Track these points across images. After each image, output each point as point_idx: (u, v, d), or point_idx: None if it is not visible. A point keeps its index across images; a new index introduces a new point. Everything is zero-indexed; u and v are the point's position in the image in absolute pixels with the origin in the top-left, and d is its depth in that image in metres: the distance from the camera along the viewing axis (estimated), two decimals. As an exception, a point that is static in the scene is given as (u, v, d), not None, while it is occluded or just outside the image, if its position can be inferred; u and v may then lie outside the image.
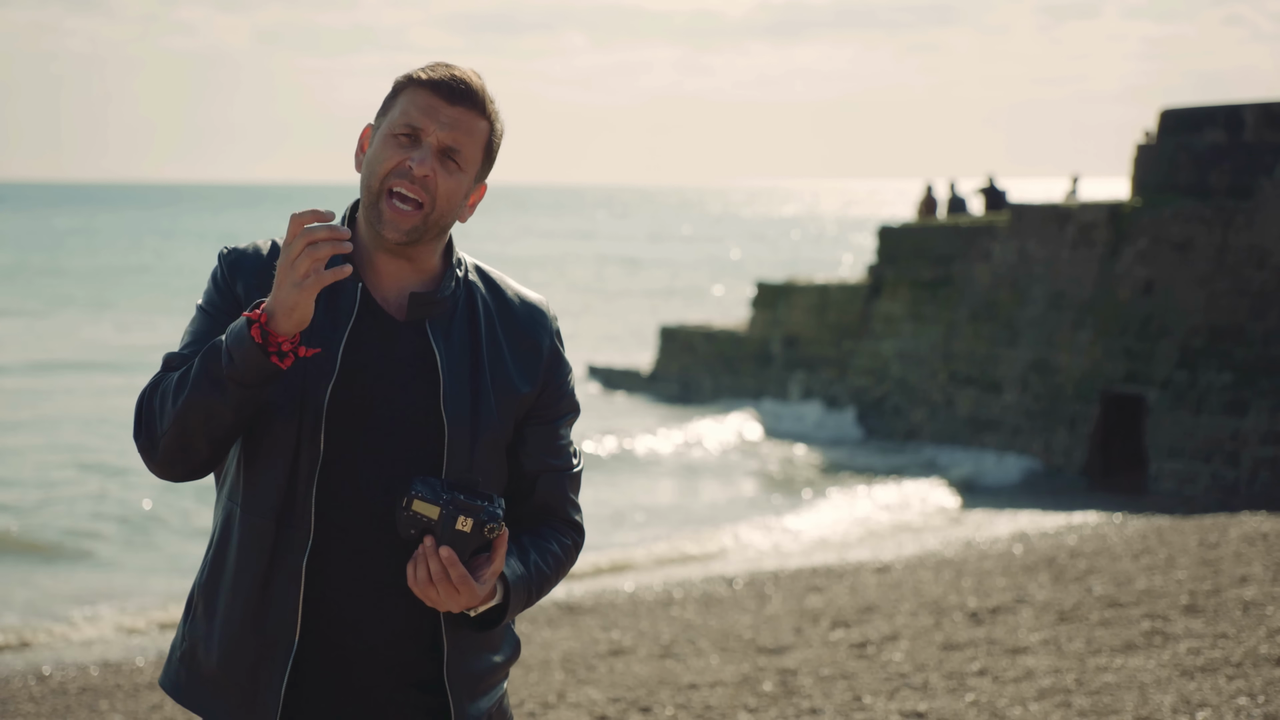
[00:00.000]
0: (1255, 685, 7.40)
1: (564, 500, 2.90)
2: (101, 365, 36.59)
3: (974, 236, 26.66)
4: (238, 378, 2.61)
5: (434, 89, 2.76)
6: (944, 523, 19.93)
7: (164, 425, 2.67)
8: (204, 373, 2.63)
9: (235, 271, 2.81)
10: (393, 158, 2.75)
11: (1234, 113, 24.15)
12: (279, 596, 2.73)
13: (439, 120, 2.75)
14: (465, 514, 2.62)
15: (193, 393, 2.63)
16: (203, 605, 2.81)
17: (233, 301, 2.79)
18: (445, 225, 2.80)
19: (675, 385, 32.55)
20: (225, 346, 2.61)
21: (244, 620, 2.75)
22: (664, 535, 18.58)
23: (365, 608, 2.75)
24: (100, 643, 13.31)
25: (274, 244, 2.85)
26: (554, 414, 2.89)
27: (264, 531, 2.73)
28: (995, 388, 25.34)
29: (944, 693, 7.97)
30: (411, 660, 2.78)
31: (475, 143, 2.78)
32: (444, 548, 2.61)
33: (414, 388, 2.76)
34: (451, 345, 2.79)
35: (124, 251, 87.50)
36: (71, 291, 59.51)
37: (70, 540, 17.58)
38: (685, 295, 62.15)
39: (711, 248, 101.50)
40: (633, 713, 8.14)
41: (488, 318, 2.85)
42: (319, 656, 2.75)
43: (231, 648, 2.76)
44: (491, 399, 2.80)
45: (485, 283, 2.90)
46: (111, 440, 24.55)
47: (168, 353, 2.78)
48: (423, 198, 2.74)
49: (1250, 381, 21.36)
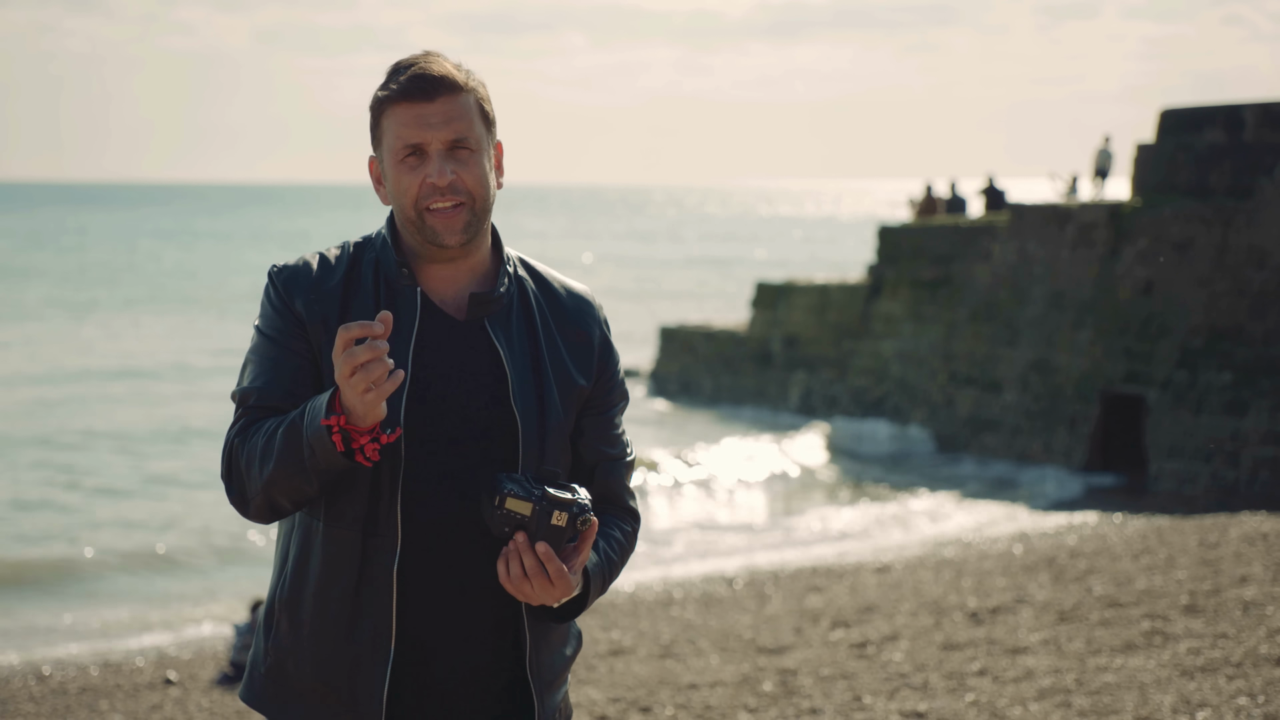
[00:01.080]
0: (1255, 685, 7.40)
1: (621, 488, 2.93)
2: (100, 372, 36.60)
3: (974, 236, 26.65)
4: (320, 469, 2.63)
5: (409, 97, 2.75)
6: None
7: (252, 489, 2.70)
8: (286, 456, 2.64)
9: (291, 289, 2.79)
10: (413, 183, 2.75)
11: (1234, 113, 24.15)
12: (371, 605, 2.75)
13: (430, 124, 2.74)
14: (559, 508, 2.64)
15: (276, 470, 2.65)
16: (287, 620, 2.82)
17: (294, 321, 2.78)
18: (491, 204, 2.82)
19: (675, 385, 32.55)
20: (306, 439, 2.61)
21: (336, 631, 2.77)
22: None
23: (452, 608, 2.78)
24: (100, 642, 13.32)
25: (321, 257, 2.85)
26: (608, 404, 2.92)
27: (350, 542, 2.75)
28: (995, 388, 25.34)
29: (944, 693, 7.98)
30: (500, 659, 2.82)
31: (471, 120, 2.78)
32: (541, 543, 2.64)
33: (483, 386, 2.78)
34: (513, 342, 2.82)
35: (110, 251, 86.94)
36: (51, 293, 59.15)
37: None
38: (685, 295, 62.15)
39: (720, 247, 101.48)
40: (633, 713, 8.15)
41: (540, 312, 2.87)
42: (412, 661, 2.78)
43: (326, 658, 2.78)
44: (554, 392, 2.82)
45: (533, 276, 2.92)
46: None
47: (240, 388, 2.78)
48: (459, 198, 2.76)
49: (1250, 381, 21.35)
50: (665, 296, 61.31)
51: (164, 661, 11.95)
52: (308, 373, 2.76)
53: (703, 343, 32.37)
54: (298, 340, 2.77)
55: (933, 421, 26.42)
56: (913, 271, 27.58)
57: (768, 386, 30.23)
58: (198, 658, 12.06)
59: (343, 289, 2.79)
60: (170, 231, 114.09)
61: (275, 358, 2.77)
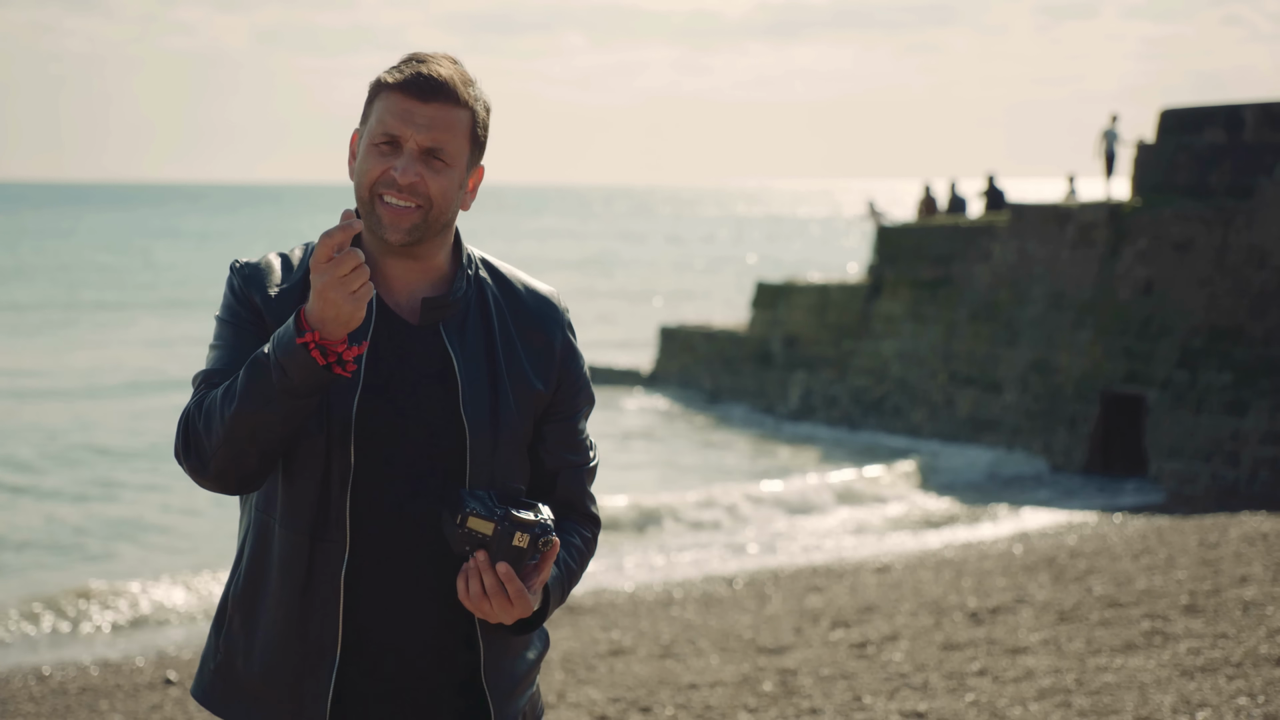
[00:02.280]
0: (1255, 685, 7.40)
1: (583, 494, 2.91)
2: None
3: (974, 236, 26.65)
4: (291, 390, 2.60)
5: (405, 90, 2.72)
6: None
7: (213, 443, 2.66)
8: (251, 387, 2.61)
9: (249, 285, 2.79)
10: (376, 167, 2.73)
11: (1234, 113, 24.15)
12: (320, 608, 2.75)
13: (415, 123, 2.72)
14: (521, 529, 2.63)
15: (240, 406, 2.62)
16: (239, 617, 2.82)
17: (251, 310, 2.78)
18: (447, 221, 2.79)
19: (675, 385, 32.56)
20: (275, 360, 2.59)
21: (285, 632, 2.76)
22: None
23: (403, 615, 2.77)
24: (101, 642, 13.32)
25: (283, 258, 2.84)
26: (570, 409, 2.89)
27: (301, 545, 2.75)
28: (995, 388, 25.34)
29: (944, 693, 7.97)
30: (449, 664, 2.80)
31: (457, 136, 2.75)
32: (502, 564, 2.63)
33: (434, 393, 2.76)
34: (467, 347, 2.79)
35: (93, 252, 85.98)
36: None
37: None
38: (684, 296, 62.15)
39: (720, 248, 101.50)
40: (633, 713, 8.14)
41: (500, 315, 2.84)
42: (359, 665, 2.77)
43: (274, 659, 2.77)
44: (510, 399, 2.79)
45: (495, 278, 2.88)
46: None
47: (201, 370, 2.78)
48: (417, 200, 2.73)
49: (1250, 381, 21.35)
50: (665, 296, 61.31)
51: (164, 661, 11.95)
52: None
53: (703, 343, 32.37)
54: (256, 327, 2.77)
55: (932, 422, 26.41)
56: (913, 271, 27.58)
57: (768, 386, 30.23)
58: (198, 658, 12.07)
59: (300, 292, 2.78)
60: (159, 231, 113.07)
61: (235, 343, 2.76)
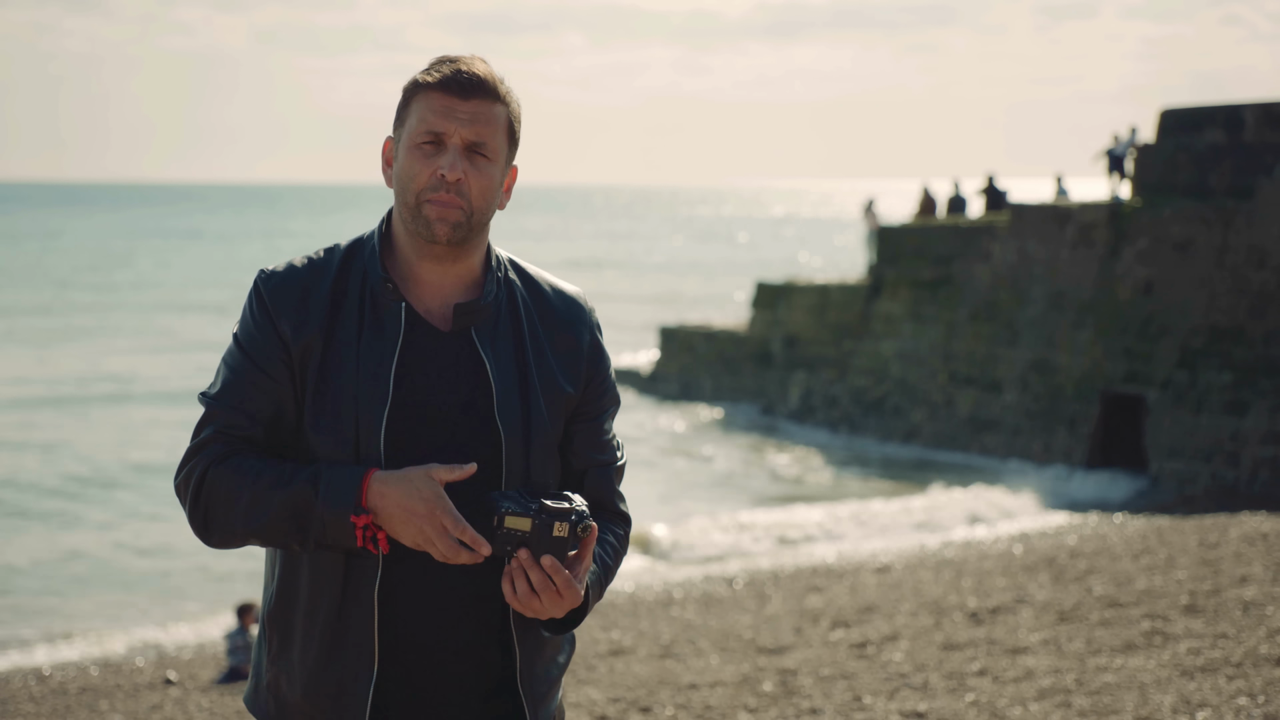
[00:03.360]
0: (1255, 685, 7.40)
1: (611, 493, 2.89)
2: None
3: (974, 236, 26.65)
4: (322, 544, 2.67)
5: (445, 88, 2.74)
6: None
7: (224, 530, 2.71)
8: (284, 523, 2.66)
9: (279, 305, 2.76)
10: (423, 170, 2.73)
11: (1234, 113, 24.15)
12: (354, 626, 2.74)
13: (457, 119, 2.73)
14: (559, 519, 2.62)
15: (268, 530, 2.68)
16: (277, 638, 2.83)
17: (276, 343, 2.74)
18: (488, 219, 2.80)
19: (675, 385, 32.56)
20: (319, 516, 2.63)
21: (321, 652, 2.77)
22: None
23: (438, 626, 2.76)
24: (100, 643, 13.32)
25: (309, 264, 2.81)
26: (597, 410, 2.88)
27: (334, 562, 2.74)
28: (995, 388, 25.33)
29: (944, 693, 7.97)
30: (485, 669, 2.80)
31: (498, 131, 2.77)
32: (547, 556, 2.62)
33: (467, 398, 2.76)
34: (499, 351, 2.79)
35: (72, 254, 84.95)
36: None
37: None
38: (683, 296, 62.15)
39: (719, 248, 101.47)
40: (633, 713, 8.14)
41: (529, 318, 2.83)
42: (398, 679, 2.78)
43: (312, 679, 2.78)
44: (541, 402, 2.79)
45: (523, 279, 2.88)
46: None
47: (210, 394, 2.76)
48: (461, 203, 2.73)
49: (1250, 381, 21.35)
50: (662, 296, 61.30)
51: (164, 661, 11.95)
52: (283, 397, 2.74)
53: (703, 343, 32.37)
54: (276, 364, 2.74)
55: (932, 421, 26.41)
56: (913, 271, 27.58)
57: (768, 386, 30.23)
58: (198, 658, 12.07)
59: (328, 305, 2.76)
60: (150, 233, 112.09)
61: (250, 379, 2.74)
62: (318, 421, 2.72)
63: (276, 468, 2.69)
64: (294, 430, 2.75)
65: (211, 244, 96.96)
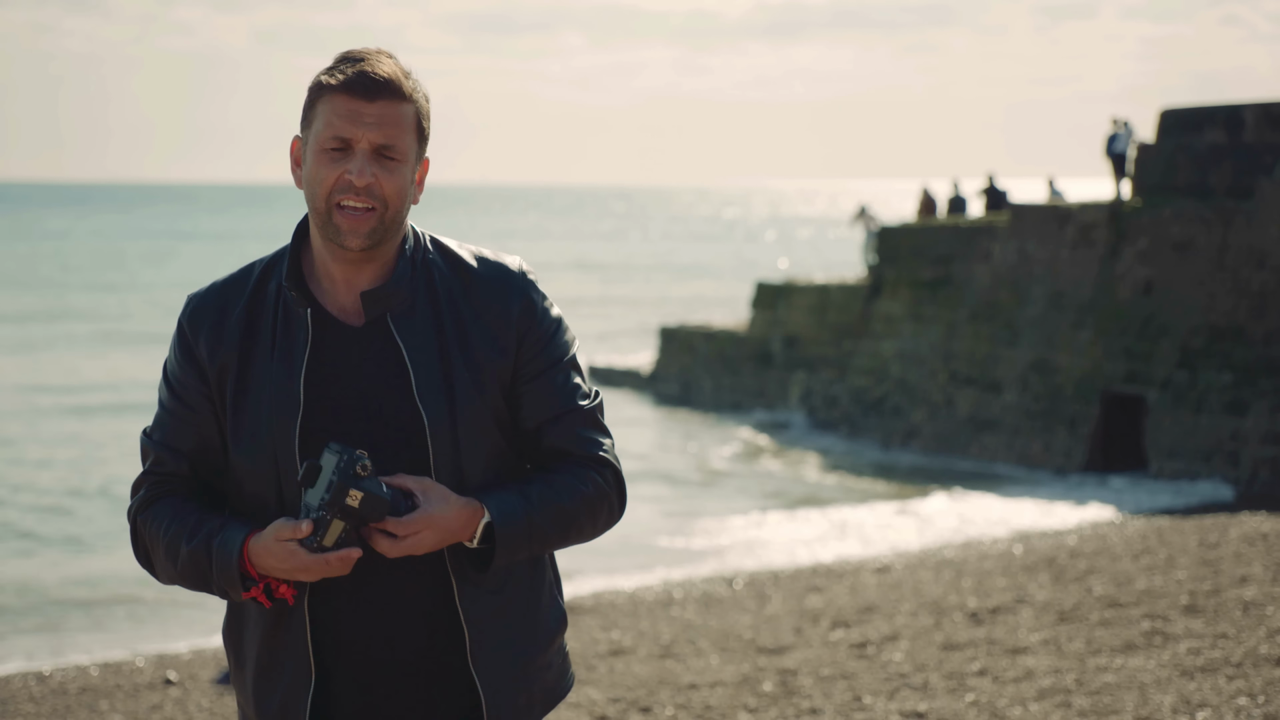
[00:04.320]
0: (1255, 685, 7.40)
1: (574, 439, 2.79)
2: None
3: (974, 236, 26.65)
4: (229, 598, 2.76)
5: (350, 90, 2.69)
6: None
7: (160, 574, 2.81)
8: (195, 581, 2.74)
9: (197, 329, 2.79)
10: (330, 174, 2.70)
11: (1234, 113, 24.15)
12: (289, 640, 2.75)
13: (363, 123, 2.68)
14: (341, 489, 2.58)
15: (184, 582, 2.75)
16: (232, 653, 2.86)
17: (195, 372, 2.77)
18: (403, 218, 2.76)
19: (675, 385, 32.56)
20: (214, 576, 2.69)
21: (263, 664, 2.78)
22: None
23: (379, 626, 2.75)
24: (101, 643, 13.32)
25: (228, 282, 2.82)
26: (538, 368, 2.79)
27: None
28: (995, 388, 25.34)
29: (944, 693, 7.97)
30: (437, 661, 2.77)
31: (405, 130, 2.72)
32: (366, 528, 2.63)
33: (386, 388, 2.73)
34: (416, 334, 2.75)
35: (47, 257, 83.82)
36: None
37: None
38: (681, 296, 62.17)
39: (720, 248, 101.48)
40: (633, 713, 8.14)
41: (449, 294, 2.78)
42: (344, 684, 2.77)
43: (260, 694, 2.80)
44: (466, 376, 2.74)
45: (445, 256, 2.82)
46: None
47: (145, 436, 2.81)
48: (372, 203, 2.70)
49: (1250, 381, 21.35)
50: (661, 297, 61.31)
51: (164, 661, 11.95)
52: (205, 428, 2.77)
53: (703, 343, 32.37)
54: (197, 395, 2.77)
55: (932, 422, 26.41)
56: (913, 271, 27.58)
57: (768, 386, 30.23)
58: (198, 658, 12.06)
59: (244, 324, 2.76)
60: (138, 234, 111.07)
61: (175, 412, 2.78)
62: (238, 442, 2.74)
63: (181, 521, 2.74)
64: (220, 457, 2.78)
65: (214, 244, 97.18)
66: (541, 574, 2.87)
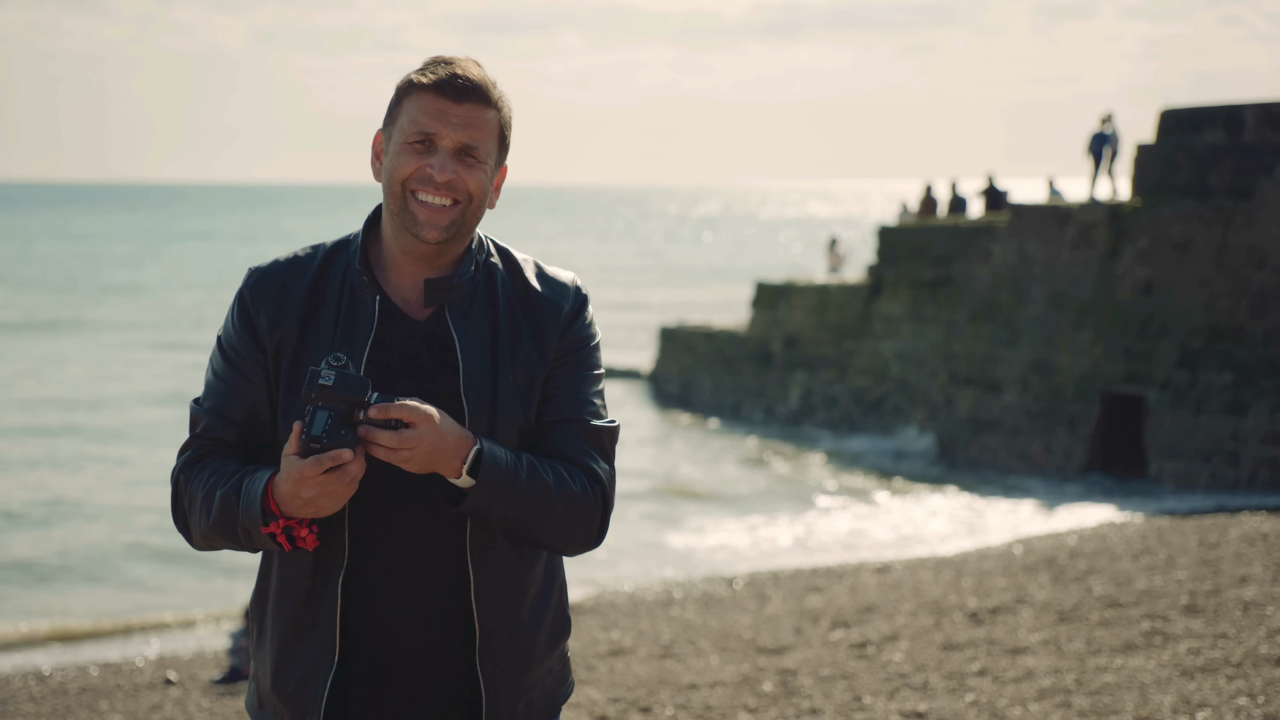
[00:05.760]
0: (1255, 685, 7.40)
1: (577, 448, 2.82)
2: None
3: (974, 236, 26.65)
4: (255, 549, 2.77)
5: (439, 91, 2.77)
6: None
7: (195, 532, 2.81)
8: (224, 528, 2.74)
9: (258, 300, 2.82)
10: (410, 164, 2.76)
11: (1234, 113, 24.14)
12: (318, 617, 2.78)
13: (449, 122, 2.76)
14: (313, 377, 2.59)
15: (214, 533, 2.76)
16: (255, 628, 2.90)
17: (253, 341, 2.81)
18: (479, 218, 2.83)
19: (675, 385, 32.56)
20: (242, 526, 2.69)
21: (288, 641, 2.81)
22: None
23: (404, 616, 2.78)
24: (100, 643, 13.33)
25: (293, 260, 2.87)
26: (564, 370, 2.85)
27: (303, 555, 2.78)
28: (995, 388, 25.33)
29: (944, 693, 7.97)
30: (452, 660, 2.80)
31: (488, 134, 2.80)
32: (361, 428, 2.61)
33: (436, 380, 2.78)
34: (470, 329, 2.80)
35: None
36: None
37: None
38: (679, 298, 62.15)
39: (720, 248, 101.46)
40: (633, 713, 8.14)
41: (508, 299, 2.85)
42: (363, 669, 2.79)
43: (279, 668, 2.82)
44: (510, 379, 2.80)
45: (508, 264, 2.90)
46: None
47: (195, 405, 2.84)
48: (455, 196, 2.77)
49: (1250, 381, 21.35)
50: (661, 297, 61.31)
51: (164, 661, 11.96)
52: (257, 397, 2.80)
53: (703, 343, 32.37)
54: (253, 364, 2.80)
55: (932, 422, 26.41)
56: (913, 271, 27.58)
57: (768, 387, 30.23)
58: (198, 658, 12.07)
59: (307, 299, 2.81)
60: (130, 234, 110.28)
61: (229, 380, 2.82)
62: (287, 415, 2.77)
63: (220, 472, 2.76)
64: (269, 428, 2.81)
65: (218, 244, 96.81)
66: (553, 579, 2.91)
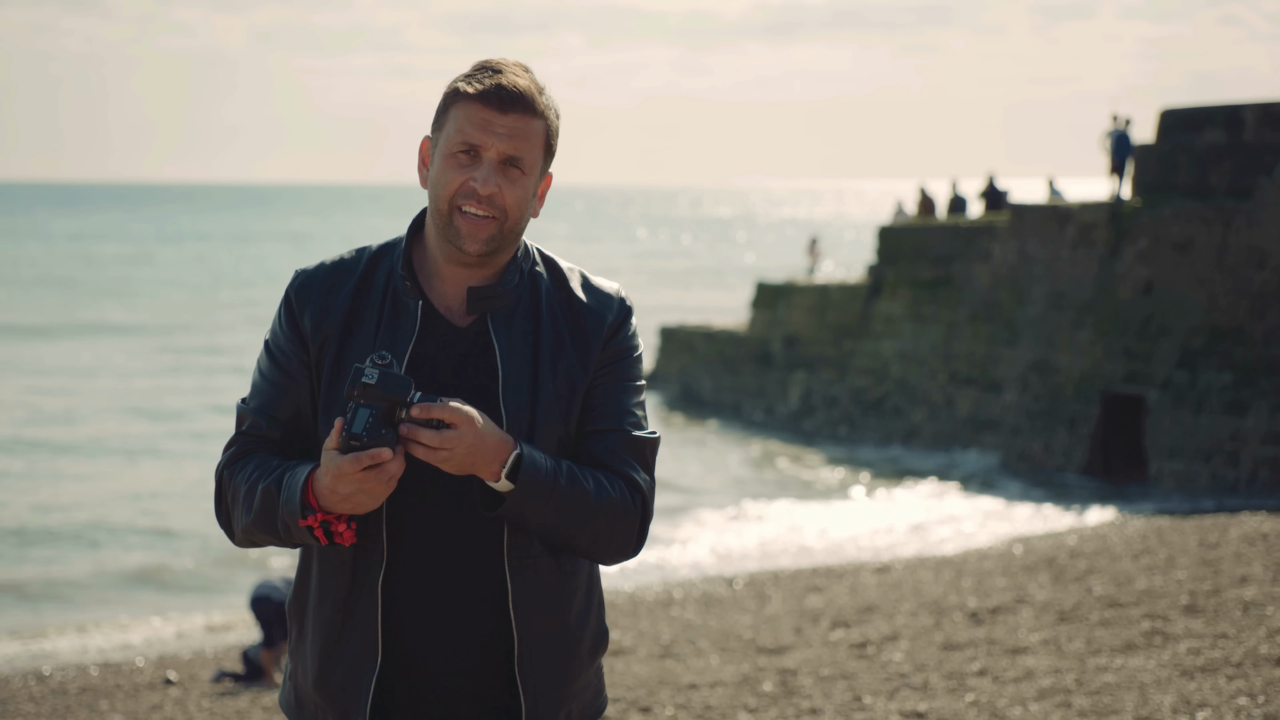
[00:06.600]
0: (1255, 685, 7.40)
1: (618, 457, 2.80)
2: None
3: (974, 236, 26.66)
4: (294, 544, 2.78)
5: (485, 101, 2.74)
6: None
7: (237, 527, 2.82)
8: (264, 522, 2.75)
9: (303, 301, 2.83)
10: (456, 178, 2.75)
11: (1234, 113, 24.14)
12: (360, 617, 2.78)
13: (495, 133, 2.74)
14: (355, 375, 2.61)
15: (255, 527, 2.77)
16: (295, 628, 2.89)
17: (297, 341, 2.82)
18: (521, 230, 2.82)
19: (675, 385, 32.56)
20: (282, 520, 2.69)
21: (329, 641, 2.81)
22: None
23: (443, 618, 2.78)
24: (99, 643, 13.33)
25: (338, 263, 2.88)
26: (607, 380, 2.84)
27: (342, 557, 2.78)
28: (995, 388, 25.34)
29: (944, 693, 7.97)
30: (488, 663, 2.80)
31: (534, 145, 2.78)
32: (403, 426, 2.63)
33: (475, 386, 2.77)
34: (513, 337, 2.80)
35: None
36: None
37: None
38: (680, 297, 62.17)
39: (719, 248, 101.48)
40: (633, 713, 8.14)
41: (550, 308, 2.83)
42: (402, 670, 2.79)
43: (321, 668, 2.82)
44: (550, 388, 2.79)
45: (552, 273, 2.89)
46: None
47: (241, 404, 2.85)
48: (494, 213, 2.75)
49: (1250, 381, 21.35)
50: (661, 297, 61.33)
51: (164, 661, 11.96)
52: (304, 399, 2.82)
53: (703, 343, 32.38)
54: (298, 364, 2.82)
55: (932, 421, 26.42)
56: (913, 271, 27.59)
57: (768, 387, 30.24)
58: (198, 658, 12.07)
59: (350, 302, 2.82)
60: (123, 236, 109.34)
61: (275, 380, 2.83)
62: (328, 414, 2.78)
63: (263, 467, 2.77)
64: (312, 427, 2.82)
65: (221, 244, 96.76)
66: (592, 591, 2.90)
